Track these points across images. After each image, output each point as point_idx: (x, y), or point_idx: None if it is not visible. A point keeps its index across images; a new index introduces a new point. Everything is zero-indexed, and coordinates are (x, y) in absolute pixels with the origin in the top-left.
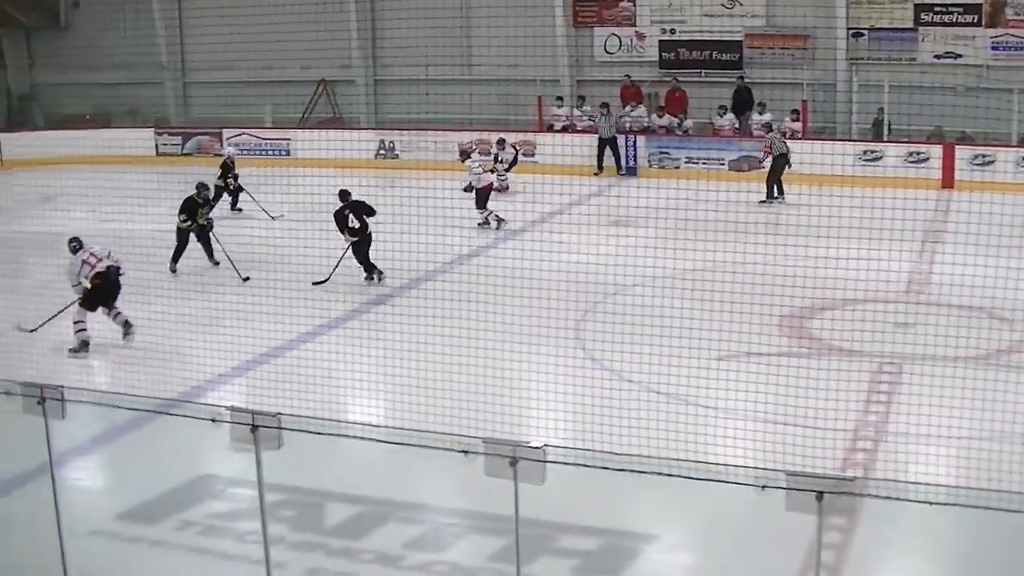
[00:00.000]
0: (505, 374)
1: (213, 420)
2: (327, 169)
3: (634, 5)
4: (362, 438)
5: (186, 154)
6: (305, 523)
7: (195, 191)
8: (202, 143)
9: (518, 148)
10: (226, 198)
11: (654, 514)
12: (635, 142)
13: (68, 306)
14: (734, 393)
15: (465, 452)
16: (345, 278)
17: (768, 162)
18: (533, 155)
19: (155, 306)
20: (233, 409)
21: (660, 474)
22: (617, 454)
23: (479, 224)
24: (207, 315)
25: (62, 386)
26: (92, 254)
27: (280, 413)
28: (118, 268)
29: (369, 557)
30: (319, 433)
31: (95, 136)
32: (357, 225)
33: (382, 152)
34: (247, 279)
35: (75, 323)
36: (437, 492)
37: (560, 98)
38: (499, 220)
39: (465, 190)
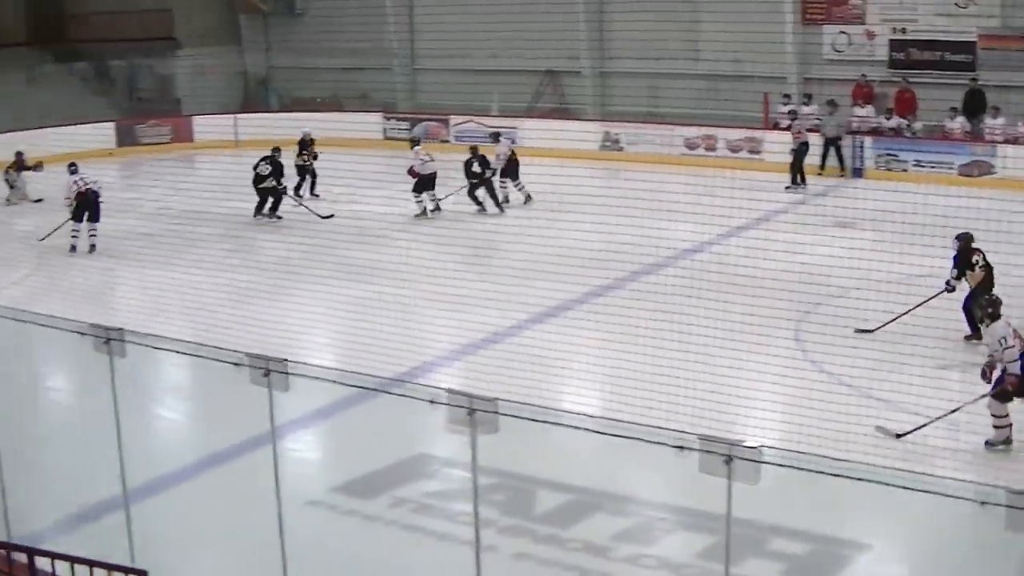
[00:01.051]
0: (722, 371)
1: (431, 402)
2: (551, 159)
3: (864, 3)
4: (577, 427)
5: (410, 139)
6: (515, 508)
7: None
8: (429, 128)
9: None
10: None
11: (868, 523)
12: (862, 143)
13: (65, 222)
14: (956, 404)
15: (680, 448)
16: (560, 267)
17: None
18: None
19: (376, 286)
20: (451, 392)
21: (877, 482)
22: (834, 459)
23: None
24: (431, 298)
25: (287, 360)
26: (81, 179)
27: (497, 398)
28: (96, 192)
29: (577, 546)
30: (535, 420)
31: (326, 119)
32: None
33: (607, 144)
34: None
35: (71, 230)
36: (648, 486)
37: (787, 96)
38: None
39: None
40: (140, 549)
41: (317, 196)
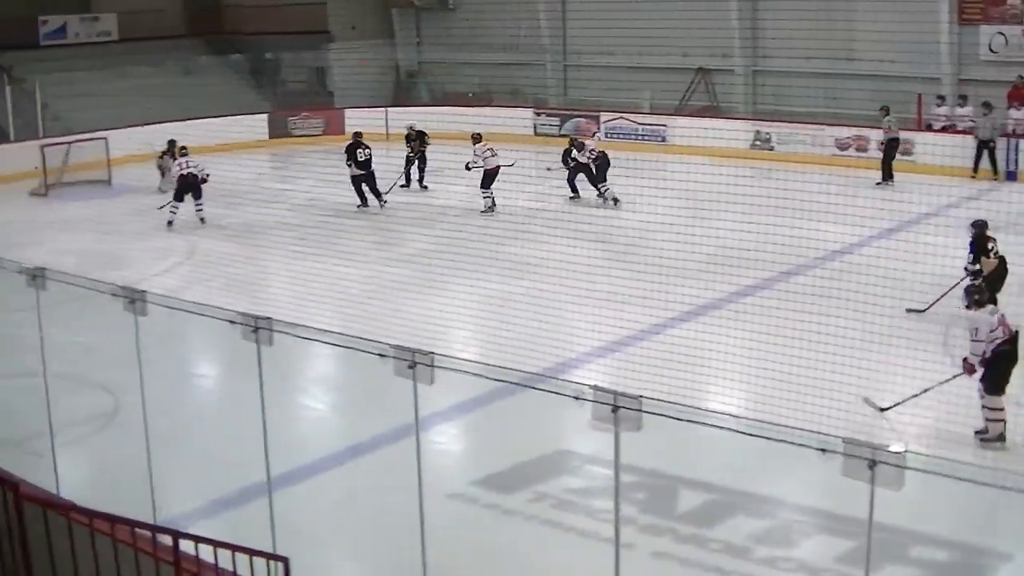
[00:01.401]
0: (865, 375)
1: (576, 398)
2: (701, 157)
3: (1022, 2)
4: (720, 427)
5: (563, 135)
6: (656, 506)
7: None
8: (579, 125)
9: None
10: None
11: (1014, 534)
12: (1017, 145)
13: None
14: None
15: (823, 451)
16: (708, 266)
17: None
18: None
19: (523, 282)
20: (596, 388)
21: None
22: (979, 466)
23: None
24: (577, 294)
25: (433, 352)
26: (186, 162)
27: (641, 396)
28: (196, 175)
29: (717, 547)
30: (678, 419)
31: (477, 114)
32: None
33: (757, 143)
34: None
35: (171, 207)
36: (789, 488)
37: (941, 97)
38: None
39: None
40: (281, 536)
41: (425, 188)
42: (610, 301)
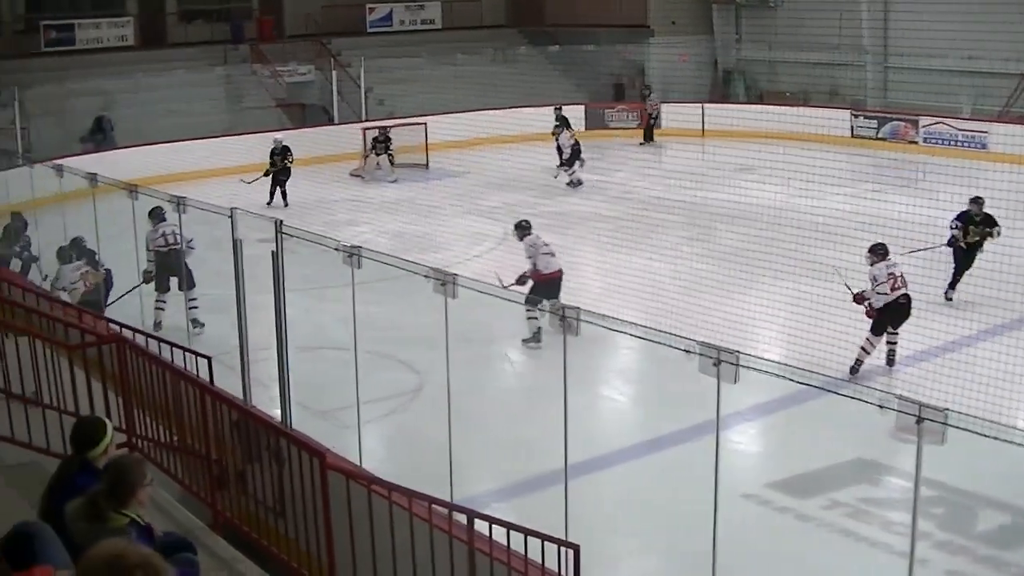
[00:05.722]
0: None
1: (880, 406)
2: (1022, 166)
3: None
4: None
5: (880, 138)
6: (954, 523)
7: None
8: (897, 129)
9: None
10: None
11: None
12: None
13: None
14: None
15: None
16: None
17: None
18: None
19: (833, 285)
20: (901, 398)
21: None
22: None
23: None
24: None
25: (738, 352)
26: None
27: (948, 409)
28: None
29: (1016, 571)
30: (985, 435)
31: (793, 113)
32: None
33: None
34: None
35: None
36: None
37: None
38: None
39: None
40: (573, 524)
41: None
42: (918, 310)
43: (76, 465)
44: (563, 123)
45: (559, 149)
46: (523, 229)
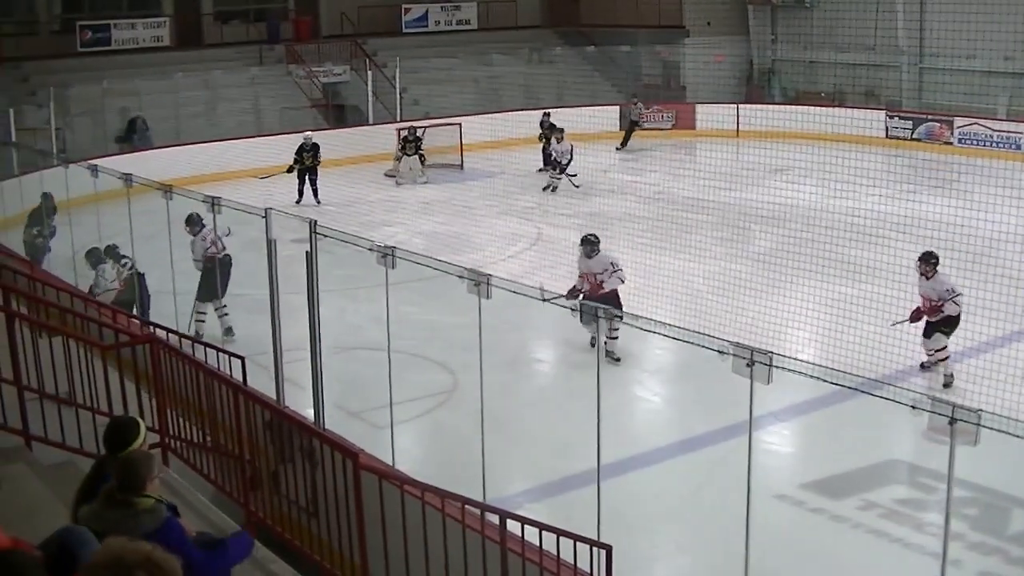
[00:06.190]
0: None
1: (913, 407)
2: None
3: None
4: None
5: (915, 139)
6: (987, 525)
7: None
8: (932, 130)
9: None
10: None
11: None
12: None
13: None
14: None
15: None
16: None
17: None
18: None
19: (867, 286)
20: (934, 399)
21: None
22: None
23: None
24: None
25: (771, 352)
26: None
27: (981, 410)
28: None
29: None
30: (1019, 436)
31: (828, 113)
32: None
33: None
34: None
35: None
36: None
37: None
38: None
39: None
40: (606, 525)
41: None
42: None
43: (109, 465)
44: (552, 130)
45: (549, 157)
46: (592, 244)
